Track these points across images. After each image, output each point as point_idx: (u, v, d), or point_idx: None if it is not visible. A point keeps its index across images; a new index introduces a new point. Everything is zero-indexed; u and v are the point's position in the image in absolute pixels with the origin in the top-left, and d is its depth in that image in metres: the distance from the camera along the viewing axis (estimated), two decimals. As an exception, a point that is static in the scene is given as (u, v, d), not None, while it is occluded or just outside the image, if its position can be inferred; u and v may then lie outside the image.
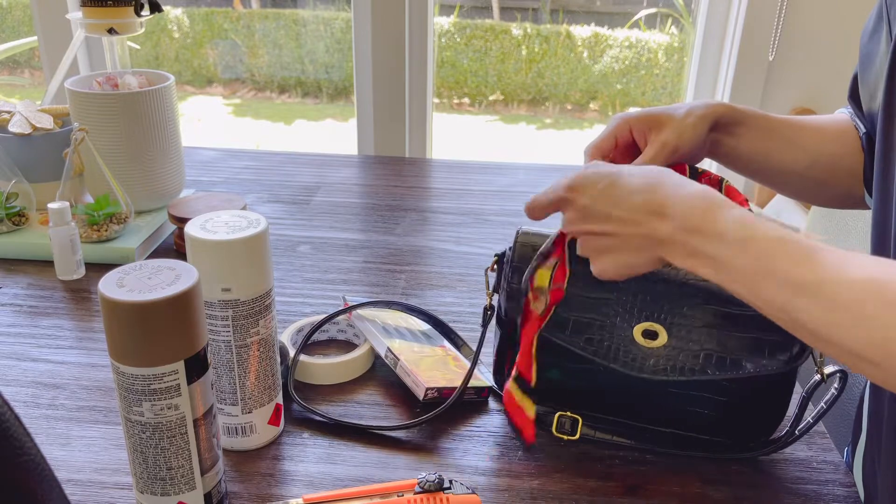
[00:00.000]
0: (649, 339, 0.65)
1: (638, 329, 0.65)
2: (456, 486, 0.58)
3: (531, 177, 1.30)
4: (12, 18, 3.22)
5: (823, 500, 0.63)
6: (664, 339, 0.65)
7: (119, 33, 1.03)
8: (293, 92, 3.30)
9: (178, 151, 1.07)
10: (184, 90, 3.33)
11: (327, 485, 0.63)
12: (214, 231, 0.60)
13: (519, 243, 0.69)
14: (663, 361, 0.64)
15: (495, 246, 1.05)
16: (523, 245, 0.69)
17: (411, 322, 0.82)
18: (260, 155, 1.38)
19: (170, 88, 1.03)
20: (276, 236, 1.06)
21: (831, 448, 0.69)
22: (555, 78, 3.14)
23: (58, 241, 0.91)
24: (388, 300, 0.83)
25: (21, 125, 1.01)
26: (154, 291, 0.50)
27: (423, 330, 0.81)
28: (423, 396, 0.69)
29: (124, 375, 0.51)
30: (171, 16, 3.15)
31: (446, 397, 0.70)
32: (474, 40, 3.16)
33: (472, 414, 0.72)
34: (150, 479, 0.54)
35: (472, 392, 0.72)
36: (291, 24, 3.02)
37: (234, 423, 0.65)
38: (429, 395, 0.69)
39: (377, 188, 1.24)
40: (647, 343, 0.65)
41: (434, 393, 0.69)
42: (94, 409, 0.71)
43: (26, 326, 0.84)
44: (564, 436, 0.68)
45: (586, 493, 0.63)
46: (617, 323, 0.66)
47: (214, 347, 0.62)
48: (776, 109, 1.67)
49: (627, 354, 0.65)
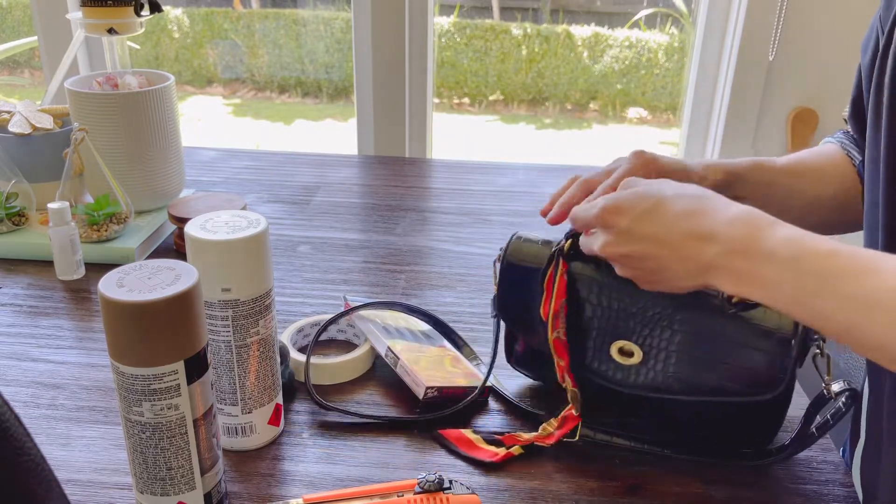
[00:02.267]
0: (625, 357, 0.65)
1: (615, 346, 0.65)
2: (456, 486, 0.58)
3: (531, 177, 1.30)
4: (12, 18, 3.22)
5: (823, 500, 0.63)
6: (639, 358, 0.65)
7: (119, 33, 1.03)
8: (293, 92, 3.30)
9: (178, 151, 1.07)
10: (184, 90, 3.33)
11: (327, 485, 0.63)
12: (214, 231, 0.60)
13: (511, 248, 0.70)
14: (640, 379, 0.64)
15: (495, 246, 1.05)
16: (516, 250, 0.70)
17: (412, 322, 0.82)
18: (260, 155, 1.38)
19: (170, 88, 1.03)
20: (276, 236, 1.06)
21: (831, 448, 0.69)
22: (555, 78, 3.14)
23: (58, 241, 0.91)
24: (389, 301, 0.83)
25: (21, 125, 1.01)
26: (154, 291, 0.50)
27: (424, 330, 0.81)
28: (423, 396, 0.69)
29: (124, 375, 0.51)
30: (171, 16, 3.15)
31: (446, 396, 0.70)
32: (474, 40, 3.16)
33: (472, 414, 0.72)
34: (150, 480, 0.54)
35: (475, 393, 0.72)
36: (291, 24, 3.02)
37: (234, 423, 0.65)
38: (429, 394, 0.69)
39: (377, 188, 1.24)
40: (624, 360, 0.65)
41: (434, 392, 0.69)
42: (94, 409, 0.71)
43: (26, 326, 0.84)
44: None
45: (586, 493, 0.63)
46: (594, 337, 0.66)
47: (214, 347, 0.62)
48: (776, 109, 1.67)
49: (608, 369, 0.65)
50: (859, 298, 0.46)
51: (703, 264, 0.53)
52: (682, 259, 0.54)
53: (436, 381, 0.70)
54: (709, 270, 0.53)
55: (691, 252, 0.53)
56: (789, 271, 0.49)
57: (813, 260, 0.48)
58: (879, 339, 0.46)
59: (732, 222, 0.52)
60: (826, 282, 0.47)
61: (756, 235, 0.51)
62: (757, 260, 0.50)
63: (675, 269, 0.55)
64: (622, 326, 0.65)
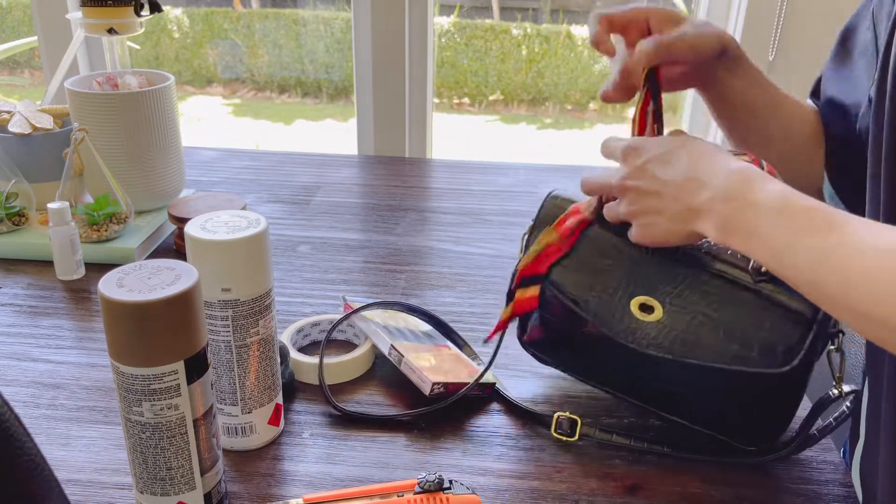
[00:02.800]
0: (645, 313, 0.65)
1: (635, 302, 0.66)
2: (456, 486, 0.58)
3: (531, 177, 1.30)
4: (12, 18, 3.22)
5: (823, 500, 0.63)
6: (659, 314, 0.65)
7: (119, 33, 1.03)
8: (293, 92, 3.30)
9: (178, 151, 1.07)
10: (184, 90, 3.33)
11: (327, 485, 0.63)
12: (214, 231, 0.60)
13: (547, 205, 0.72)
14: (654, 337, 0.64)
15: (495, 246, 1.05)
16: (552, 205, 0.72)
17: (412, 322, 0.82)
18: (260, 155, 1.38)
19: (170, 88, 1.03)
20: (276, 236, 1.06)
21: (831, 448, 0.69)
22: (555, 78, 3.14)
23: (58, 241, 0.91)
24: (391, 300, 0.83)
25: (21, 125, 1.01)
26: (154, 291, 0.50)
27: (425, 330, 0.81)
28: (430, 391, 0.69)
29: (124, 375, 0.51)
30: (171, 16, 3.15)
31: (452, 392, 0.70)
32: (474, 40, 3.16)
33: (472, 414, 0.72)
34: (150, 480, 0.54)
35: (475, 389, 0.72)
36: (291, 23, 3.02)
37: (234, 423, 0.65)
38: (435, 389, 0.69)
39: (377, 188, 1.24)
40: (643, 317, 0.65)
41: (440, 388, 0.69)
42: (94, 409, 0.71)
43: (26, 326, 0.84)
44: (563, 437, 0.68)
45: (586, 493, 0.63)
46: (616, 292, 0.67)
47: (214, 347, 0.62)
48: (776, 109, 1.67)
49: (620, 323, 0.66)
50: (818, 251, 0.48)
51: (693, 207, 0.56)
52: (676, 199, 0.58)
53: (441, 376, 0.70)
54: (698, 214, 0.56)
55: (686, 193, 0.57)
56: (768, 223, 0.51)
57: (791, 213, 0.50)
58: (832, 291, 0.48)
59: (731, 173, 0.55)
60: (796, 235, 0.50)
61: (748, 187, 0.53)
62: (742, 208, 0.53)
63: (670, 210, 0.58)
64: (647, 282, 0.66)
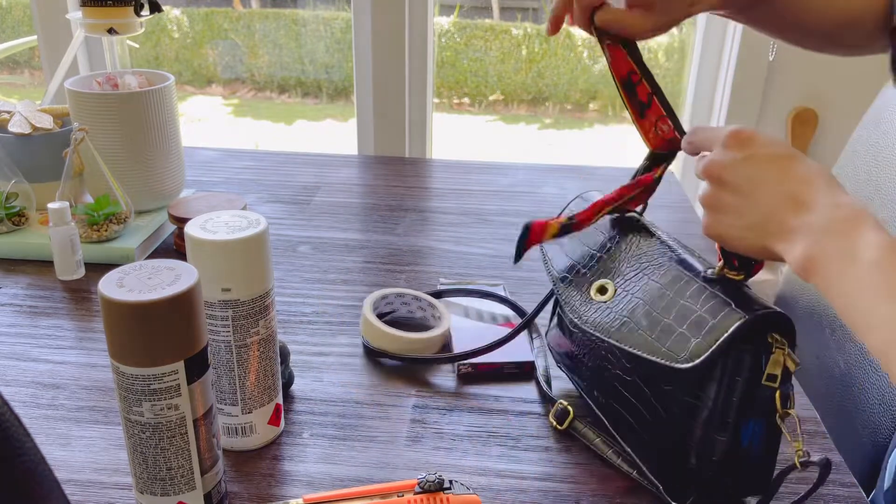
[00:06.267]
0: (599, 294, 0.66)
1: (596, 284, 0.66)
2: (456, 486, 0.58)
3: (531, 177, 1.30)
4: (12, 18, 3.22)
5: (823, 500, 0.63)
6: (610, 294, 0.65)
7: (119, 33, 1.03)
8: (293, 92, 3.30)
9: (178, 151, 1.07)
10: (184, 90, 3.32)
11: (327, 485, 0.63)
12: (214, 231, 0.60)
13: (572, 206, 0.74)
14: (597, 317, 0.64)
15: (495, 246, 1.05)
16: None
17: (493, 307, 0.89)
18: (260, 155, 1.38)
19: (170, 88, 1.03)
20: (276, 236, 1.06)
21: (832, 448, 0.69)
22: (555, 78, 3.14)
23: (58, 241, 0.91)
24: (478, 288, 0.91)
25: (21, 125, 1.01)
26: (154, 291, 0.50)
27: (500, 314, 0.87)
28: (458, 371, 0.76)
29: (124, 375, 0.51)
30: (170, 16, 3.15)
31: (481, 372, 0.76)
32: (474, 40, 3.16)
33: (472, 414, 0.72)
34: (150, 480, 0.54)
35: (513, 367, 0.77)
36: (291, 24, 3.02)
37: (234, 423, 0.65)
38: (461, 369, 0.76)
39: (377, 188, 1.24)
40: (597, 297, 0.66)
41: (468, 368, 0.76)
42: (94, 409, 0.71)
43: (26, 326, 0.84)
44: (556, 423, 0.70)
45: (586, 493, 0.63)
46: (584, 273, 0.68)
47: (214, 347, 0.62)
48: (776, 109, 1.67)
49: (581, 304, 0.67)
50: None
51: (786, 227, 0.52)
52: (767, 214, 0.53)
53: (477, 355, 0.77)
54: (789, 235, 0.52)
55: (782, 213, 0.52)
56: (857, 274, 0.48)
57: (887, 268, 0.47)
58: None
59: (840, 205, 0.50)
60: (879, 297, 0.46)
61: (856, 230, 0.49)
62: (837, 248, 0.49)
63: (754, 219, 0.54)
64: (612, 266, 0.67)
